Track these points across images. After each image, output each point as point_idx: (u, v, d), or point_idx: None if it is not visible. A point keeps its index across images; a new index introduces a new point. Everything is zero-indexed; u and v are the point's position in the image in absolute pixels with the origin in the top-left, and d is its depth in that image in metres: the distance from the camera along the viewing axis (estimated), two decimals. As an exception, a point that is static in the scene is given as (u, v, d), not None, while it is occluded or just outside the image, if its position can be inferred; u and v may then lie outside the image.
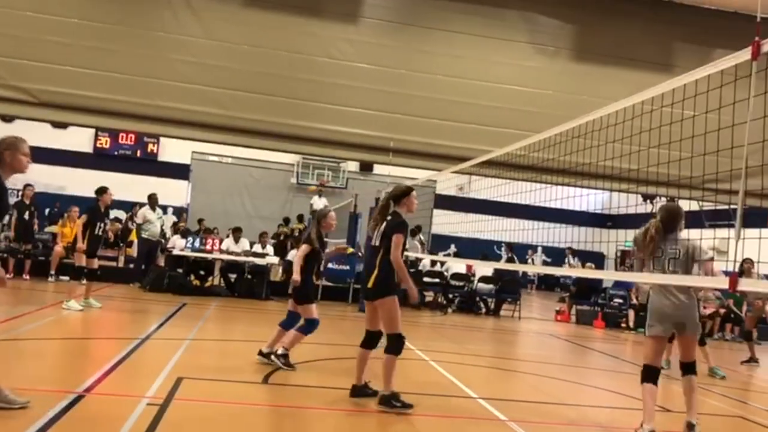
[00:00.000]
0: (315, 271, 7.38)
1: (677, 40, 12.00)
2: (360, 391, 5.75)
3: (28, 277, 13.26)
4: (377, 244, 5.66)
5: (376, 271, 5.56)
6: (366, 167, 24.19)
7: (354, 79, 11.62)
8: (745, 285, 3.73)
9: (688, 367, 5.52)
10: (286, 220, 20.52)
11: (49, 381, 5.41)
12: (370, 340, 5.76)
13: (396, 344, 5.45)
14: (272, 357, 6.83)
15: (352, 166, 24.96)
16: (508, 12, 11.98)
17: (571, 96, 11.48)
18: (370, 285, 5.60)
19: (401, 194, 5.78)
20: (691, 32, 11.89)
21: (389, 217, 5.70)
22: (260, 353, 6.93)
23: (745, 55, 3.83)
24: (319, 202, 23.17)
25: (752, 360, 10.71)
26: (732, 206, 4.01)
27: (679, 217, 5.54)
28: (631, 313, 14.77)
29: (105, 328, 9.14)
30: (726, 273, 3.88)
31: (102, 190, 10.31)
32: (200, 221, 19.68)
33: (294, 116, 11.54)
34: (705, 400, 7.51)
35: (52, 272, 13.36)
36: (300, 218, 20.00)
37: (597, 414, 6.51)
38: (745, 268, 9.07)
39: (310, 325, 6.90)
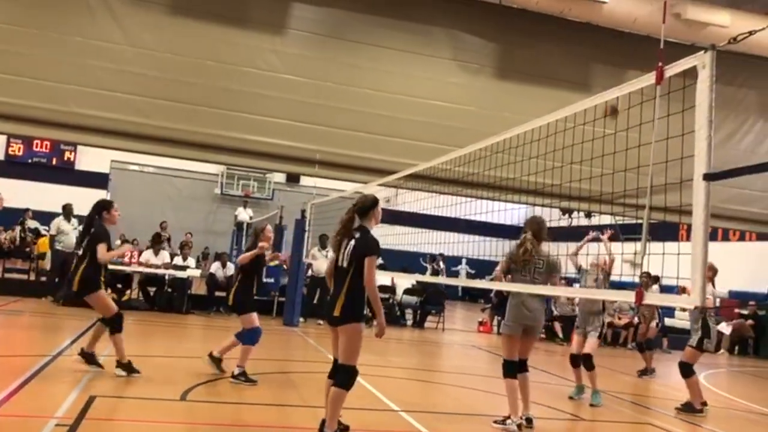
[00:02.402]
0: (255, 282, 7.42)
1: (594, 61, 12.51)
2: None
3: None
4: (344, 264, 4.99)
5: (343, 295, 4.94)
6: (293, 179, 24.05)
7: (280, 90, 11.55)
8: (651, 299, 3.90)
9: (524, 364, 6.29)
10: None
11: None
12: (333, 368, 5.08)
13: (350, 378, 4.86)
14: (232, 378, 6.99)
15: (279, 177, 24.76)
16: (433, 29, 12.20)
17: (494, 112, 11.78)
18: (337, 311, 4.92)
19: (370, 206, 5.20)
20: (606, 54, 12.43)
21: (357, 234, 5.05)
22: (210, 355, 7.25)
23: (650, 79, 4.03)
24: (244, 214, 22.89)
25: (647, 371, 10.81)
26: (638, 221, 4.20)
27: (546, 229, 6.10)
28: (557, 325, 15.17)
29: (13, 345, 8.69)
30: (633, 286, 4.06)
31: None
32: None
33: (219, 126, 11.36)
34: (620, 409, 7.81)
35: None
36: None
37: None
38: (643, 282, 9.40)
39: (253, 334, 7.11)
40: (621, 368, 11.52)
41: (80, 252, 6.92)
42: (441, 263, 21.57)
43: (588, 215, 17.29)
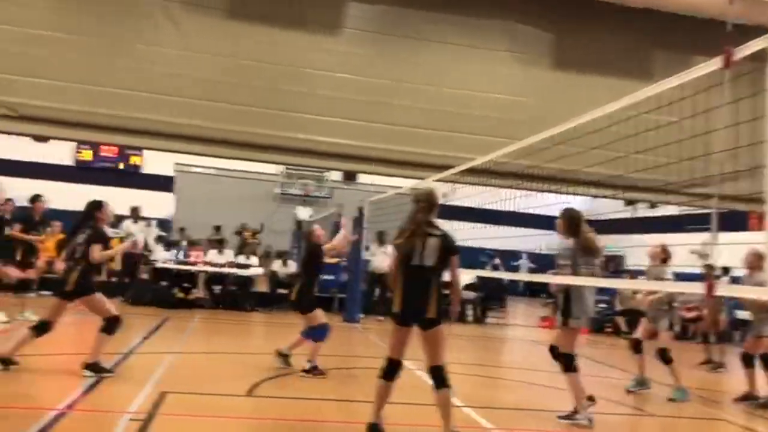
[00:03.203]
0: (317, 280, 7.74)
1: (655, 47, 12.14)
2: (376, 430, 4.85)
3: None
4: (428, 263, 4.81)
5: (434, 296, 4.78)
6: (350, 176, 24.19)
7: (336, 89, 11.64)
8: (723, 290, 3.78)
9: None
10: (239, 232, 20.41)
11: (29, 398, 5.35)
12: (393, 371, 4.90)
13: (447, 375, 4.85)
14: (303, 372, 7.19)
15: (336, 175, 24.96)
16: (488, 22, 12.06)
17: (552, 103, 11.57)
18: (432, 313, 4.76)
19: (436, 201, 5.04)
20: (667, 39, 12.04)
21: (438, 232, 4.90)
22: (277, 352, 7.43)
23: (716, 63, 3.89)
24: (303, 212, 23.18)
25: (713, 363, 10.37)
26: (708, 210, 4.06)
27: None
28: (620, 319, 14.79)
29: (87, 343, 9.03)
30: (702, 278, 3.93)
31: (35, 198, 10.28)
32: (181, 230, 19.55)
33: (277, 127, 11.54)
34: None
35: (35, 287, 13.20)
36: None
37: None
38: (708, 274, 9.09)
39: (322, 331, 7.33)
40: (689, 361, 11.18)
41: (75, 255, 6.61)
42: (496, 259, 21.49)
43: (653, 206, 16.83)
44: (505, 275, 17.93)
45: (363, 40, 11.90)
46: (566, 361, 6.22)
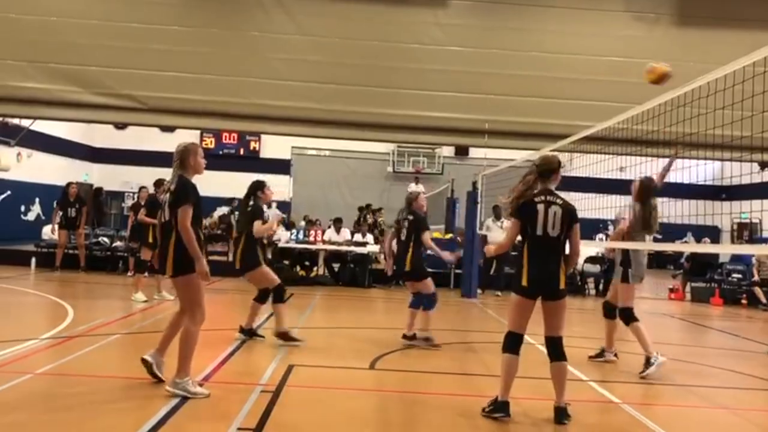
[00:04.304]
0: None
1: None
2: (508, 409, 4.75)
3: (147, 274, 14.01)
4: (554, 233, 4.69)
5: (561, 266, 4.70)
6: (461, 151, 23.97)
7: (445, 63, 11.56)
8: None
9: None
10: (362, 209, 20.27)
11: (167, 370, 5.72)
12: (518, 344, 4.79)
13: (563, 347, 4.81)
14: (415, 340, 7.38)
15: (447, 151, 24.82)
16: (602, -19, 11.53)
17: (675, 63, 10.77)
18: (562, 283, 4.67)
19: (557, 167, 4.90)
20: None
21: (559, 200, 4.76)
22: (404, 336, 7.46)
23: None
24: (416, 189, 23.27)
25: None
26: None
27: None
28: (759, 290, 13.81)
29: (219, 320, 9.55)
30: None
31: (158, 182, 10.73)
32: (305, 218, 20.07)
33: (387, 105, 11.63)
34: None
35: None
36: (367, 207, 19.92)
37: (721, 395, 6.19)
38: None
39: (431, 300, 7.39)
40: None
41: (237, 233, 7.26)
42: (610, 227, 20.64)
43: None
44: (629, 245, 17.24)
45: (469, 11, 11.72)
46: (626, 315, 6.61)
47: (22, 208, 18.89)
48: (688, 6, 11.43)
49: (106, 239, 15.13)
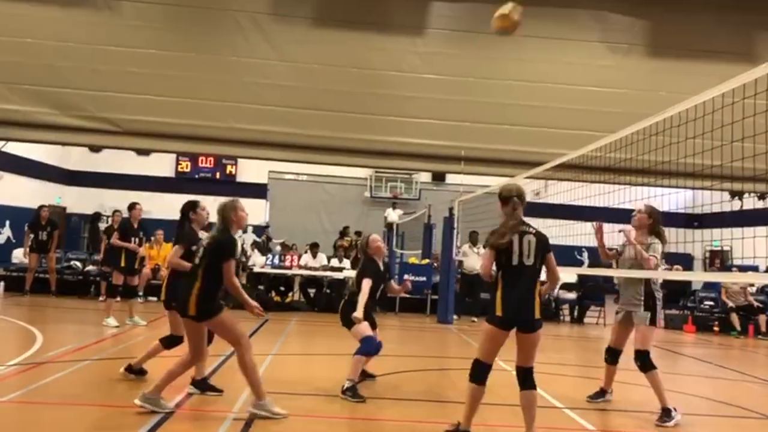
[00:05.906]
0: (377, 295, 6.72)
1: (757, 28, 11.46)
2: None
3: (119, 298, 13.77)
4: (529, 262, 4.67)
5: (537, 296, 4.67)
6: (438, 177, 24.10)
7: (423, 90, 11.66)
8: None
9: None
10: (342, 233, 20.26)
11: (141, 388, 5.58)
12: (486, 374, 4.75)
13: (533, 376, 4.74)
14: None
15: (425, 177, 24.93)
16: (578, 12, 11.77)
17: (648, 93, 11.13)
18: (537, 313, 4.64)
19: (524, 196, 4.91)
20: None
21: (532, 229, 4.79)
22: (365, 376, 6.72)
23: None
24: (393, 215, 23.30)
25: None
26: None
27: None
28: (735, 316, 13.93)
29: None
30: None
31: (131, 206, 10.67)
32: (282, 243, 19.92)
33: (365, 131, 11.68)
34: None
35: (141, 293, 13.84)
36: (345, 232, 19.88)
37: (692, 423, 6.21)
38: None
39: (365, 345, 6.27)
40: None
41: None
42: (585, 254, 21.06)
43: (762, 197, 15.86)
44: (606, 272, 17.36)
45: (447, 40, 11.86)
46: (644, 359, 6.14)
47: (-8, 231, 18.55)
48: (660, 38, 11.70)
49: (78, 263, 14.91)
